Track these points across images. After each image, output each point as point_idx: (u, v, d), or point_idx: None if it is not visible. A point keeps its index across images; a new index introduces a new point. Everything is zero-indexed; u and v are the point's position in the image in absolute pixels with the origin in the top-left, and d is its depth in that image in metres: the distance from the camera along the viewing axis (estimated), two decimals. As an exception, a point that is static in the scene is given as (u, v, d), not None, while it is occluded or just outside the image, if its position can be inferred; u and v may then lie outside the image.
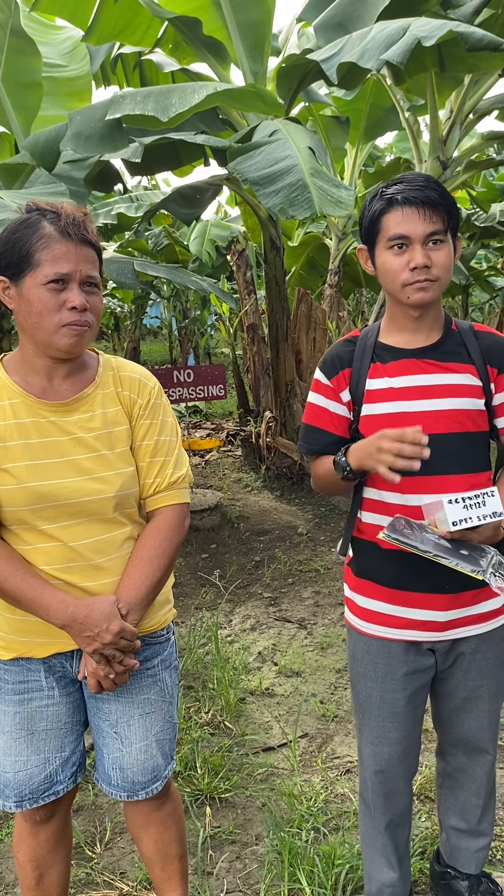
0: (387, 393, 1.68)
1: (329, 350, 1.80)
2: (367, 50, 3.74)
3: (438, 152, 5.54)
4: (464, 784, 1.89)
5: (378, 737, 1.79)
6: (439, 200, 1.58)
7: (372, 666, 1.77)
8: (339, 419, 1.76)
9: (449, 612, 1.69)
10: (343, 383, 1.74)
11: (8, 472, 1.53)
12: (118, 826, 2.42)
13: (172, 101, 3.97)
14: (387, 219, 1.60)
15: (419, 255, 1.58)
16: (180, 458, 1.71)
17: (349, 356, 1.75)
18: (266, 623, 3.95)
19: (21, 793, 1.65)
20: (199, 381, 5.97)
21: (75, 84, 5.70)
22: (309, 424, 1.80)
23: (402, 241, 1.59)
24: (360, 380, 1.71)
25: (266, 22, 5.38)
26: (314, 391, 1.80)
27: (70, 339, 1.51)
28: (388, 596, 1.73)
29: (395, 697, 1.76)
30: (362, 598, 1.78)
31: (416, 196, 1.57)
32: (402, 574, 1.69)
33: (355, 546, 1.82)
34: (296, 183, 3.74)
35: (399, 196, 1.58)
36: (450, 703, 1.82)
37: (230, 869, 2.23)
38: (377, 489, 1.71)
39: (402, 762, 1.81)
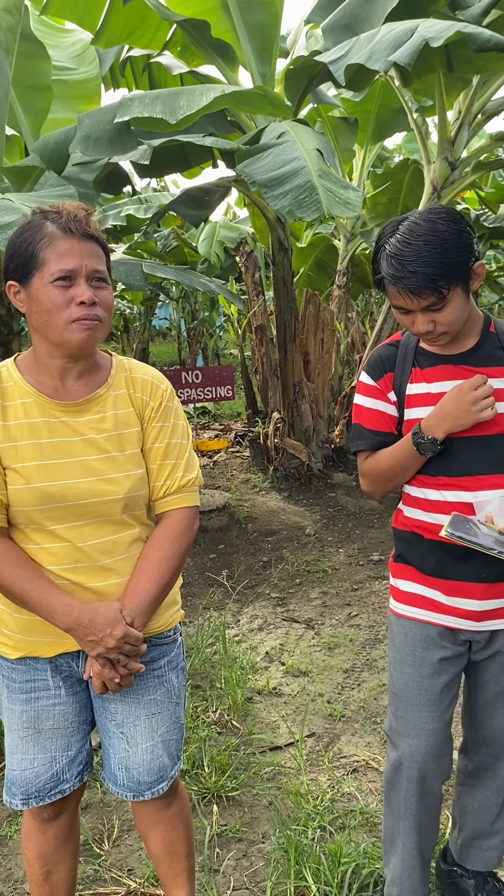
0: (425, 398, 1.73)
1: (373, 353, 1.85)
2: (375, 51, 3.74)
3: (447, 153, 5.54)
4: (486, 782, 1.90)
5: (415, 727, 1.80)
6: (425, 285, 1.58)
7: (410, 651, 1.81)
8: (391, 419, 1.80)
9: (485, 601, 1.72)
10: (389, 385, 1.79)
11: (18, 471, 1.54)
12: (126, 823, 2.44)
13: (181, 104, 4.00)
14: (388, 287, 1.64)
15: (420, 324, 1.64)
16: (191, 461, 1.71)
17: (392, 359, 1.80)
18: (273, 623, 3.97)
19: (27, 791, 1.66)
20: (207, 382, 5.99)
21: (84, 87, 5.73)
22: (363, 426, 1.83)
23: (405, 310, 1.65)
24: (403, 384, 1.77)
25: (274, 24, 5.39)
26: (363, 394, 1.84)
27: (81, 335, 1.51)
28: (428, 581, 1.79)
29: (432, 684, 1.78)
30: (403, 581, 1.85)
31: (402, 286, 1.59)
32: (441, 562, 1.75)
33: (396, 535, 1.89)
34: (304, 185, 3.75)
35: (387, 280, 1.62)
36: (481, 698, 1.84)
37: (237, 866, 2.25)
38: (418, 487, 1.77)
39: (437, 759, 1.81)
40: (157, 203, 6.80)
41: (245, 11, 5.29)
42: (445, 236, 1.57)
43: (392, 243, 1.61)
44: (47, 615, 1.53)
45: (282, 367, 6.33)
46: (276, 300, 6.17)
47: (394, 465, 1.77)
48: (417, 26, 3.67)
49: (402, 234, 1.60)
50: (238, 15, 5.30)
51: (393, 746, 1.87)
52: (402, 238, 1.59)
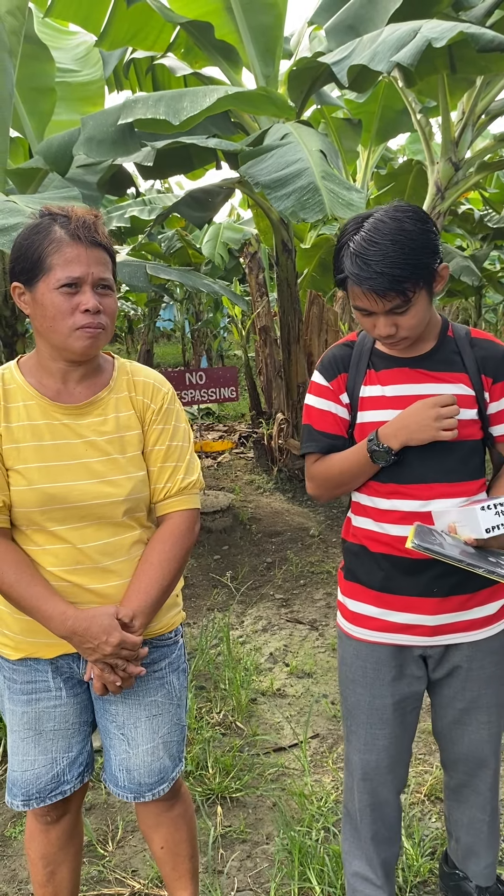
0: (378, 401, 1.69)
1: (327, 352, 1.80)
2: (378, 52, 3.74)
3: (450, 154, 5.53)
4: (468, 799, 1.86)
5: (366, 744, 1.77)
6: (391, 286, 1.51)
7: (361, 671, 1.76)
8: (342, 421, 1.75)
9: (438, 616, 1.67)
10: (342, 386, 1.74)
11: (20, 473, 1.55)
12: (130, 824, 2.44)
13: (184, 105, 4.00)
14: (350, 287, 1.58)
15: (382, 327, 1.58)
16: (192, 464, 1.71)
17: (346, 360, 1.75)
18: (277, 624, 3.96)
19: (28, 792, 1.66)
20: (211, 383, 5.99)
21: (88, 89, 5.74)
22: (314, 428, 1.78)
23: (366, 311, 1.59)
24: (356, 386, 1.72)
25: (277, 25, 5.40)
26: (315, 394, 1.78)
27: (84, 342, 1.52)
28: (376, 599, 1.72)
29: (384, 703, 1.74)
30: (352, 601, 1.78)
31: (366, 287, 1.53)
32: (390, 577, 1.69)
33: (345, 549, 1.83)
34: (307, 186, 3.75)
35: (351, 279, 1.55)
36: (447, 717, 1.78)
37: (241, 868, 2.25)
38: (368, 495, 1.71)
39: (389, 772, 1.79)
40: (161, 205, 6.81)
41: (248, 13, 5.30)
42: (413, 236, 1.50)
43: (357, 241, 1.53)
44: (44, 622, 1.54)
45: (286, 367, 6.33)
46: (280, 301, 6.18)
47: (344, 471, 1.71)
48: (421, 27, 3.67)
49: (367, 232, 1.52)
50: (241, 16, 5.31)
51: (348, 760, 1.84)
52: (368, 236, 1.52)
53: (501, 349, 1.70)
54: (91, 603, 1.59)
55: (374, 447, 1.62)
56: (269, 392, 8.08)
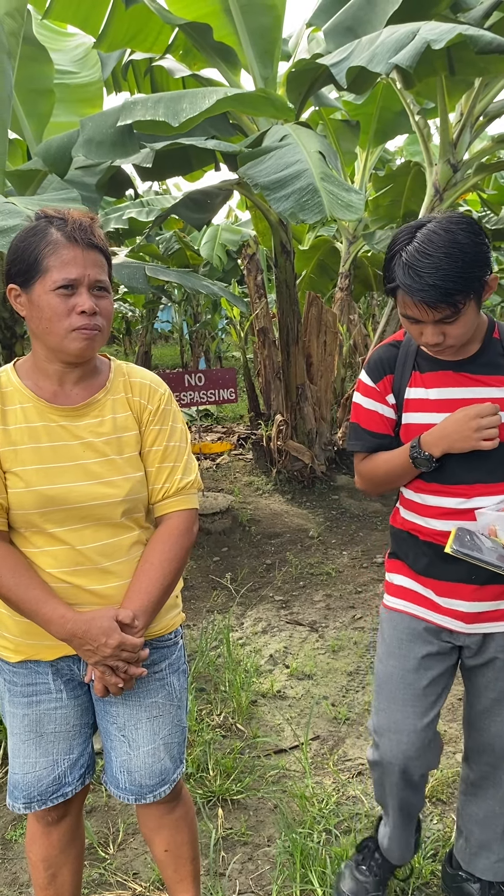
0: (423, 403, 1.72)
1: (373, 353, 1.82)
2: (377, 54, 3.75)
3: (449, 155, 5.54)
4: (487, 792, 1.88)
5: (396, 723, 1.78)
6: (442, 299, 1.53)
7: (397, 643, 1.82)
8: (389, 421, 1.79)
9: (475, 602, 1.73)
10: (388, 388, 1.78)
11: (18, 475, 1.55)
12: (131, 827, 2.43)
13: (183, 107, 4.00)
14: (400, 295, 1.58)
15: (429, 336, 1.60)
16: (189, 464, 1.71)
17: (392, 361, 1.78)
18: (277, 626, 3.96)
19: (30, 794, 1.66)
20: (210, 384, 5.99)
21: (87, 91, 5.74)
22: (361, 426, 1.83)
23: (415, 320, 1.60)
24: (402, 387, 1.75)
25: (276, 27, 5.40)
26: (362, 393, 1.83)
27: (81, 344, 1.52)
28: (420, 579, 1.81)
29: (416, 678, 1.78)
30: (396, 576, 1.87)
31: (419, 298, 1.53)
32: (432, 563, 1.77)
33: (393, 535, 1.92)
34: (306, 187, 3.75)
35: (403, 289, 1.55)
36: (479, 705, 1.83)
37: (242, 870, 2.24)
38: (414, 491, 1.78)
39: (418, 758, 1.78)
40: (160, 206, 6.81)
41: (247, 15, 5.30)
42: (466, 249, 1.50)
43: (409, 252, 1.53)
44: (43, 625, 1.54)
45: (284, 369, 6.33)
46: (279, 303, 6.18)
47: (389, 472, 1.78)
48: (419, 29, 3.67)
49: (419, 244, 1.52)
50: (240, 18, 5.31)
51: (374, 745, 1.86)
52: (421, 248, 1.52)
53: None
54: (91, 604, 1.59)
55: (416, 454, 1.68)
56: (267, 393, 8.08)
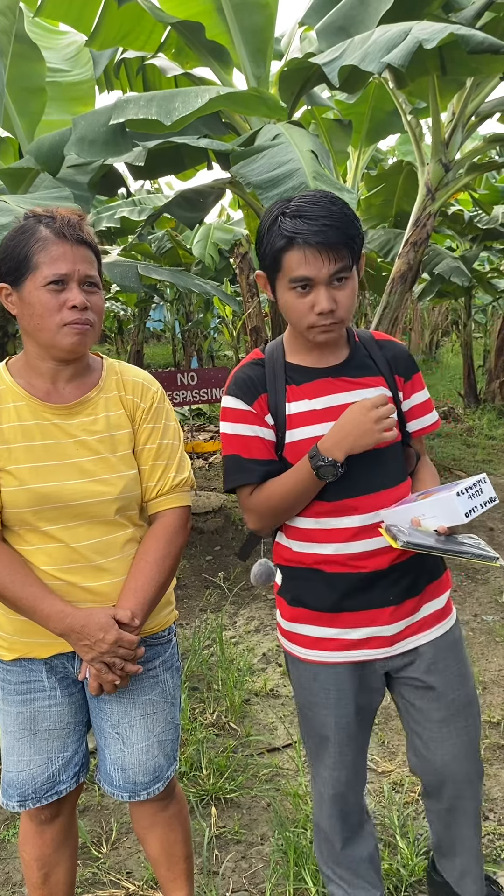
0: (309, 416, 1.62)
1: (237, 374, 1.69)
2: (369, 53, 3.75)
3: (441, 155, 5.55)
4: (458, 822, 1.78)
5: (335, 761, 1.73)
6: (343, 240, 1.49)
7: (323, 693, 1.70)
8: (271, 444, 1.65)
9: (394, 624, 1.65)
10: (264, 407, 1.65)
11: (11, 473, 1.55)
12: (124, 826, 2.43)
13: (175, 105, 4.00)
14: (288, 258, 1.51)
15: (324, 300, 1.51)
16: (182, 462, 1.72)
17: (262, 379, 1.66)
18: (270, 625, 3.96)
19: (24, 792, 1.66)
20: (202, 383, 5.98)
21: (79, 89, 5.72)
22: (242, 457, 1.65)
23: (306, 283, 1.52)
24: (279, 404, 1.63)
25: (268, 26, 5.39)
26: (236, 421, 1.65)
27: (73, 338, 1.53)
28: (331, 620, 1.66)
29: (349, 721, 1.70)
30: (303, 626, 1.70)
31: (318, 240, 1.47)
32: (346, 596, 1.64)
33: (285, 574, 1.75)
34: (298, 186, 3.75)
35: (300, 238, 1.48)
36: (425, 734, 1.72)
37: (236, 868, 2.24)
38: (311, 517, 1.64)
39: (356, 779, 1.77)
40: (152, 205, 6.80)
41: (239, 14, 5.29)
42: (343, 203, 1.51)
43: (292, 210, 1.49)
44: (40, 621, 1.55)
45: (277, 368, 6.32)
46: (271, 302, 6.17)
47: (287, 495, 1.60)
48: (411, 28, 3.68)
49: (300, 202, 1.50)
50: (232, 17, 5.30)
51: (316, 777, 1.79)
52: (303, 204, 1.49)
53: (405, 348, 1.75)
54: (86, 601, 1.59)
55: (320, 462, 1.53)
56: (260, 393, 8.07)
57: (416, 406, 1.72)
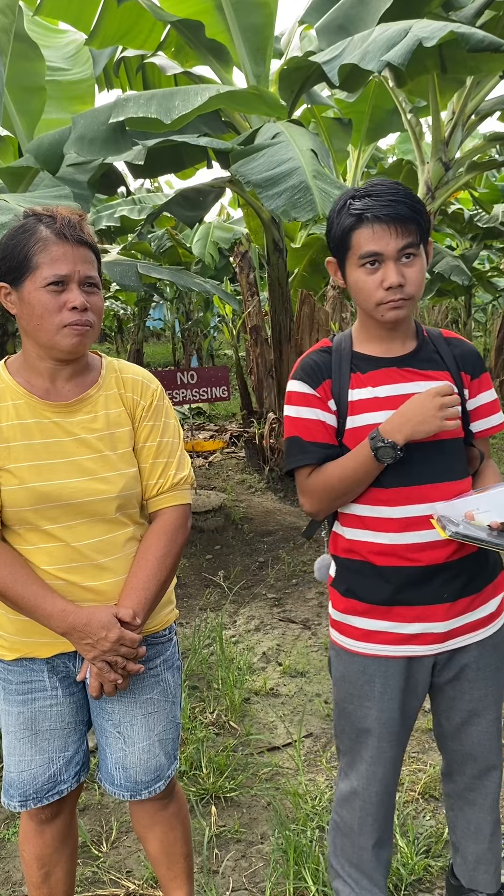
0: (371, 403, 1.64)
1: (304, 360, 1.72)
2: (369, 52, 3.75)
3: (441, 154, 5.55)
4: (475, 802, 1.81)
5: (373, 758, 1.72)
6: (410, 215, 1.54)
7: (368, 686, 1.69)
8: (332, 429, 1.67)
9: (448, 621, 1.65)
10: (328, 392, 1.67)
11: (11, 472, 1.55)
12: (124, 825, 2.43)
13: (175, 104, 4.00)
14: (357, 235, 1.55)
15: (393, 274, 1.54)
16: (182, 460, 1.72)
17: (328, 365, 1.69)
18: (270, 624, 3.96)
19: (25, 792, 1.66)
20: (202, 382, 5.98)
21: (78, 88, 5.72)
22: (303, 439, 1.67)
23: (375, 259, 1.55)
24: (342, 391, 1.66)
25: (268, 25, 5.40)
26: (300, 404, 1.69)
27: (72, 339, 1.53)
28: (385, 614, 1.66)
29: (393, 717, 1.70)
30: (356, 618, 1.70)
31: (386, 213, 1.52)
32: (400, 590, 1.64)
33: (339, 566, 1.75)
34: (298, 185, 3.75)
35: (369, 213, 1.53)
36: (456, 718, 1.75)
37: (236, 867, 2.24)
38: (368, 504, 1.65)
39: (392, 777, 1.76)
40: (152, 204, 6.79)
41: (239, 12, 5.29)
42: (409, 188, 1.57)
43: (361, 192, 1.56)
44: (43, 620, 1.55)
45: (277, 367, 6.33)
46: (271, 301, 6.18)
47: (346, 478, 1.61)
48: (411, 27, 3.67)
49: (368, 185, 1.57)
50: (232, 16, 5.30)
51: (345, 776, 1.78)
52: (372, 184, 1.56)
53: (474, 347, 1.75)
54: (87, 600, 1.59)
55: (380, 443, 1.55)
56: (259, 392, 8.07)
57: (482, 406, 1.72)
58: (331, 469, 1.64)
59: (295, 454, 1.69)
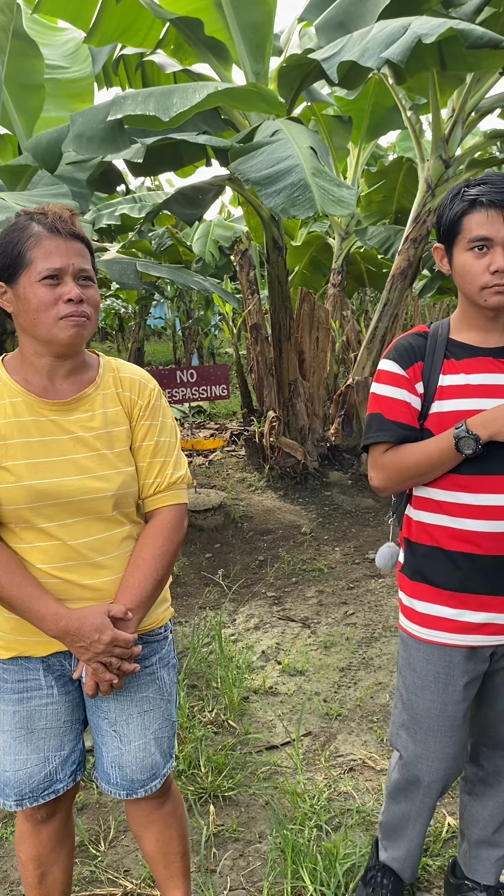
0: (463, 390, 1.66)
1: (399, 341, 1.76)
2: (368, 49, 3.74)
3: (441, 151, 5.54)
4: (497, 788, 1.85)
5: (435, 752, 1.77)
6: None
7: (433, 676, 1.73)
8: (415, 412, 1.71)
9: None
10: (418, 375, 1.70)
11: (8, 470, 1.54)
12: (122, 824, 2.43)
13: (173, 101, 3.99)
14: (468, 220, 1.60)
15: (500, 258, 1.57)
16: (179, 459, 1.72)
17: (422, 349, 1.72)
18: (269, 622, 3.96)
19: (21, 791, 1.66)
20: (202, 381, 5.97)
21: (77, 86, 5.72)
22: (385, 417, 1.72)
23: (484, 244, 1.59)
24: (433, 375, 1.69)
25: (267, 22, 5.38)
26: (387, 383, 1.72)
27: (70, 331, 1.52)
28: (451, 599, 1.69)
29: (456, 710, 1.74)
30: (422, 603, 1.74)
31: (501, 199, 1.56)
32: (469, 577, 1.67)
33: (409, 550, 1.79)
34: (297, 183, 3.74)
35: (483, 198, 1.57)
36: (497, 705, 1.79)
37: (233, 867, 2.24)
38: (446, 489, 1.68)
39: (455, 774, 1.82)
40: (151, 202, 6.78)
41: (238, 10, 5.28)
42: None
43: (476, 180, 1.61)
44: (36, 623, 1.55)
45: (277, 365, 6.32)
46: (271, 299, 6.17)
47: (421, 462, 1.66)
48: (411, 23, 3.66)
49: (482, 177, 1.61)
50: (231, 13, 5.29)
51: (405, 766, 1.83)
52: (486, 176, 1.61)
53: None
54: (84, 598, 1.59)
55: (463, 434, 1.58)
56: (260, 390, 8.07)
57: None
58: (410, 450, 1.68)
59: (374, 430, 1.73)
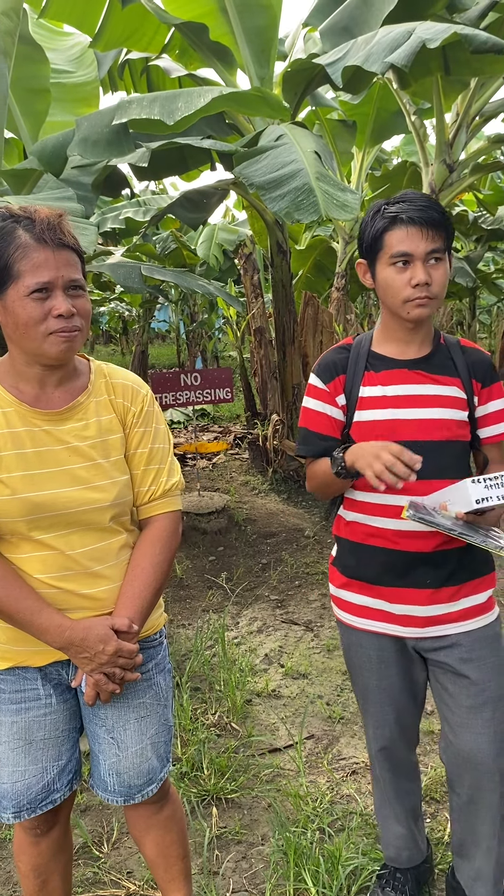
0: (380, 400, 1.76)
1: (323, 356, 1.88)
2: (373, 53, 3.75)
3: (445, 155, 5.55)
4: (477, 813, 1.81)
5: (378, 720, 1.91)
6: (440, 220, 1.66)
7: (366, 657, 1.87)
8: (336, 423, 1.83)
9: (430, 607, 1.76)
10: (339, 388, 1.82)
11: (3, 482, 1.51)
12: (125, 826, 2.43)
13: (178, 105, 4.00)
14: (390, 236, 1.67)
15: (421, 273, 1.65)
16: (173, 466, 1.71)
17: (344, 363, 1.83)
18: (273, 625, 3.96)
19: (19, 803, 1.63)
20: (206, 384, 5.99)
21: (83, 90, 5.74)
22: (308, 429, 1.87)
23: (405, 259, 1.66)
24: (354, 386, 1.80)
25: (272, 27, 5.40)
26: (311, 396, 1.87)
27: (60, 347, 1.49)
28: (372, 591, 1.82)
29: (391, 683, 1.86)
30: (349, 593, 1.88)
31: (419, 216, 1.64)
32: (386, 570, 1.79)
33: (340, 545, 1.93)
34: (301, 187, 3.75)
35: (403, 215, 1.65)
36: (454, 717, 1.79)
37: (236, 869, 2.24)
38: (359, 490, 1.80)
39: (402, 737, 1.93)
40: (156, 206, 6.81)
41: (243, 14, 5.30)
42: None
43: (395, 198, 1.69)
44: (38, 635, 1.53)
45: (281, 369, 6.33)
46: (275, 302, 6.18)
47: (317, 476, 1.84)
48: (415, 28, 3.67)
49: (400, 195, 1.69)
50: (236, 18, 5.31)
51: (366, 733, 1.99)
52: (403, 194, 1.69)
53: (488, 357, 1.84)
54: (82, 608, 1.58)
55: (337, 454, 1.72)
56: (263, 393, 8.08)
57: (491, 413, 1.81)
58: (315, 467, 1.85)
59: (301, 443, 1.90)
